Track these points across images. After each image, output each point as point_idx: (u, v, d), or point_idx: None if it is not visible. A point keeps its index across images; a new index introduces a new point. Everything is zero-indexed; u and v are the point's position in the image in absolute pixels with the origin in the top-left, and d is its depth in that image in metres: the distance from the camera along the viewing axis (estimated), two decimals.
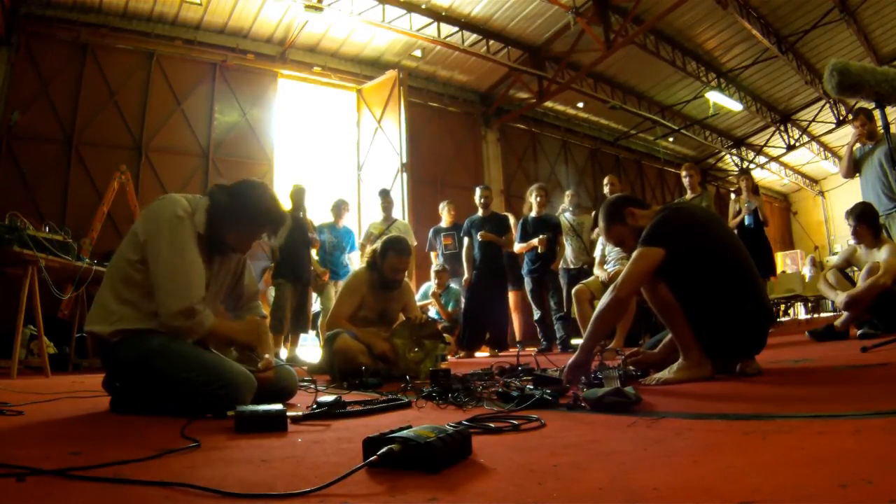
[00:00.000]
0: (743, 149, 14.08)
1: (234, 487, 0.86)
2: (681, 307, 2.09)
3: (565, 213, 6.11)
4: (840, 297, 3.74)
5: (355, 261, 6.15)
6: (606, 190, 5.92)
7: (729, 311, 2.06)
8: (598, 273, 5.02)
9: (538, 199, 5.93)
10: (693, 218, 2.25)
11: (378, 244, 3.44)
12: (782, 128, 12.99)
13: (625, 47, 8.33)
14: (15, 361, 3.65)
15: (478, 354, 5.90)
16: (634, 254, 2.10)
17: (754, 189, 6.15)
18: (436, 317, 6.10)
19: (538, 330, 5.99)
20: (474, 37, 8.51)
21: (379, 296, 3.44)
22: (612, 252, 5.01)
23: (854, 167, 4.62)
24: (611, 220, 2.34)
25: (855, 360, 2.40)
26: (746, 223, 5.92)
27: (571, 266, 5.88)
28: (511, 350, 5.92)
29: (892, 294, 3.56)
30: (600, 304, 2.12)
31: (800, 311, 11.69)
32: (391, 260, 3.31)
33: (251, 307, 2.30)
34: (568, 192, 6.31)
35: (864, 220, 3.91)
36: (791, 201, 18.15)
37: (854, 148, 4.60)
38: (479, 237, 5.90)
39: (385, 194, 6.43)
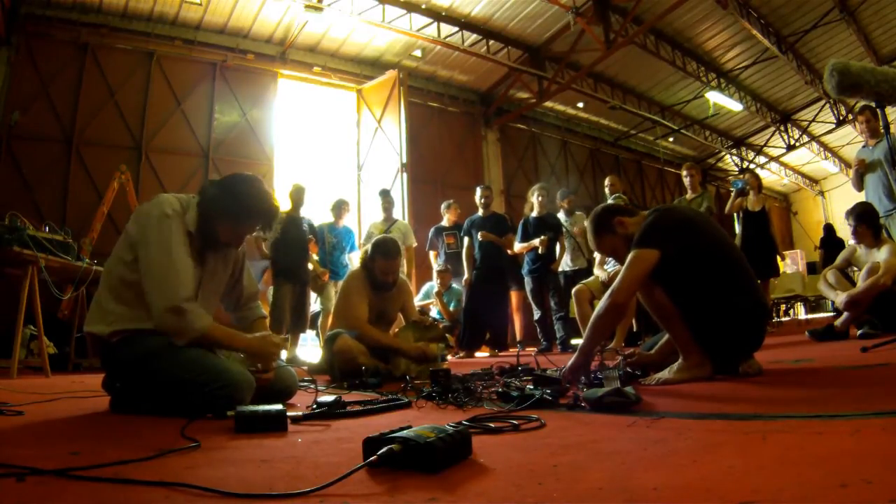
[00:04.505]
0: (743, 149, 14.07)
1: (234, 487, 0.86)
2: (677, 308, 2.08)
3: (561, 215, 6.10)
4: (840, 297, 3.74)
5: (355, 261, 6.14)
6: (607, 191, 5.91)
7: (725, 309, 2.05)
8: (598, 273, 5.00)
9: (540, 199, 5.92)
10: (683, 217, 2.25)
11: (368, 246, 3.44)
12: (782, 128, 12.98)
13: (625, 47, 8.32)
14: (15, 361, 3.64)
15: (478, 354, 5.90)
16: (628, 258, 2.08)
17: (758, 187, 6.16)
18: (437, 316, 6.11)
19: (538, 330, 5.99)
20: (474, 37, 8.50)
21: (376, 296, 3.44)
22: None
23: (861, 180, 4.67)
24: (600, 231, 2.31)
25: (855, 360, 2.39)
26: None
27: (568, 269, 5.88)
28: (511, 350, 5.92)
29: (892, 294, 3.56)
30: (597, 309, 2.09)
31: (800, 312, 11.68)
32: (378, 263, 3.31)
33: (251, 308, 2.31)
34: (560, 193, 6.28)
35: (864, 221, 3.91)
36: (791, 201, 18.14)
37: (859, 168, 4.65)
38: (479, 237, 5.90)
39: (385, 194, 6.42)
